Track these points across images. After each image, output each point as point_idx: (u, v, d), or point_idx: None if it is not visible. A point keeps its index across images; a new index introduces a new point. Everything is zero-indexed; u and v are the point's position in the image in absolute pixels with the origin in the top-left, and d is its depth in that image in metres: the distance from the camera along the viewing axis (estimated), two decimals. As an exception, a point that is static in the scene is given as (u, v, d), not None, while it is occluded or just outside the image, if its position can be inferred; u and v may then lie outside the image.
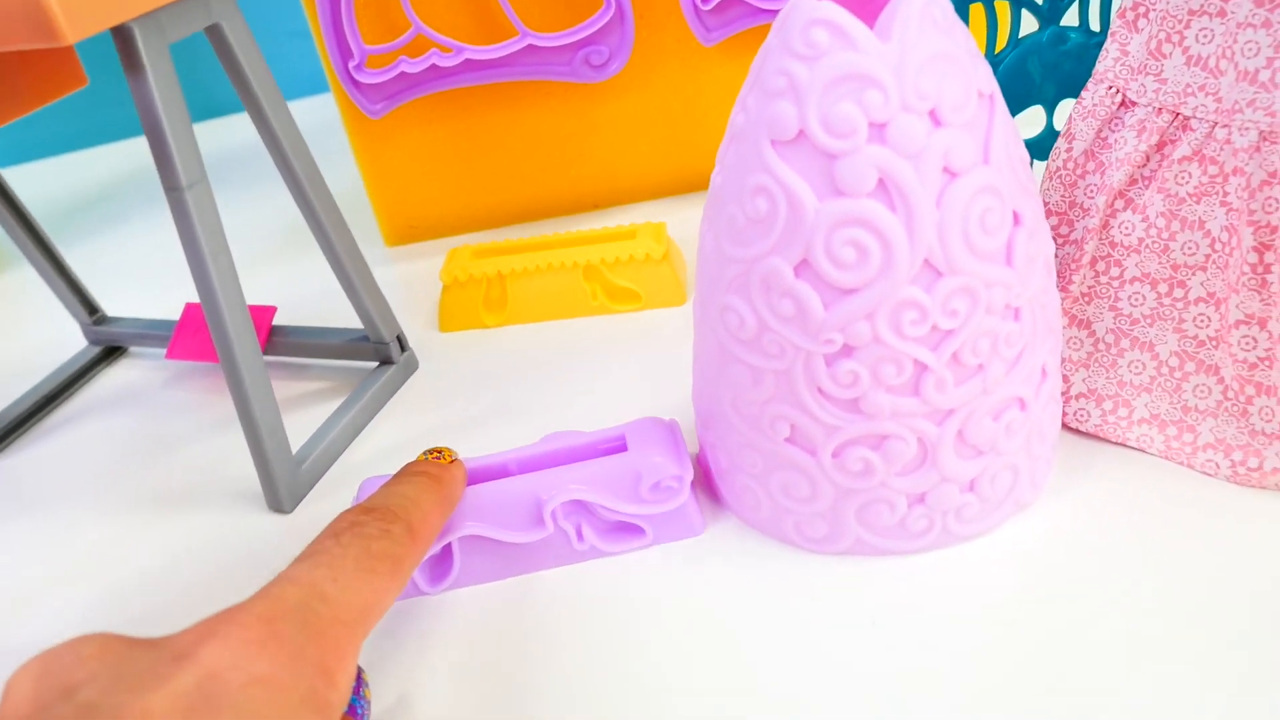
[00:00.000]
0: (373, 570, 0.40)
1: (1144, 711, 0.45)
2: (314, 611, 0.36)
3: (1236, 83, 0.52)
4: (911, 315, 0.48)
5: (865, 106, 0.46)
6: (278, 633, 0.34)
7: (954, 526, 0.55)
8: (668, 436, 0.58)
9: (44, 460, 0.79)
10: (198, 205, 0.57)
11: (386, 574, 0.41)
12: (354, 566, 0.40)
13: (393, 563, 0.42)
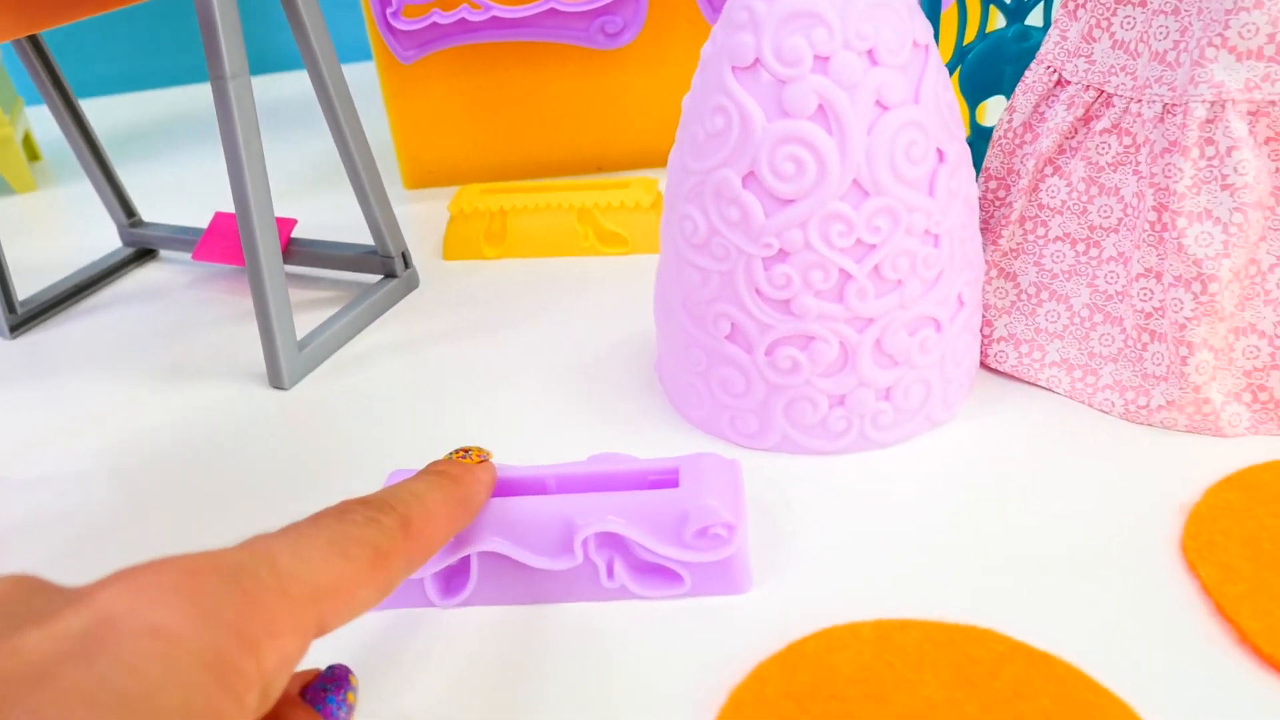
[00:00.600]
0: (345, 555, 0.35)
1: (1026, 607, 0.51)
2: (254, 576, 0.31)
3: (1149, 63, 0.60)
4: (839, 227, 0.55)
5: (812, 41, 0.53)
6: (198, 586, 0.30)
7: (870, 432, 0.62)
8: (727, 478, 0.54)
9: (70, 337, 0.87)
10: (238, 94, 0.65)
11: (362, 562, 0.35)
12: (323, 546, 0.35)
13: (373, 552, 0.36)
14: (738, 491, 0.53)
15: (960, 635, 0.49)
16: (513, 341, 0.79)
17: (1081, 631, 0.49)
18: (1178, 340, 0.60)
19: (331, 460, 0.67)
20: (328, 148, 1.17)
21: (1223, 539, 0.53)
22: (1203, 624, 0.49)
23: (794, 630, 0.50)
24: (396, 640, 0.52)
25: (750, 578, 0.53)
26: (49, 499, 0.66)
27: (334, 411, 0.72)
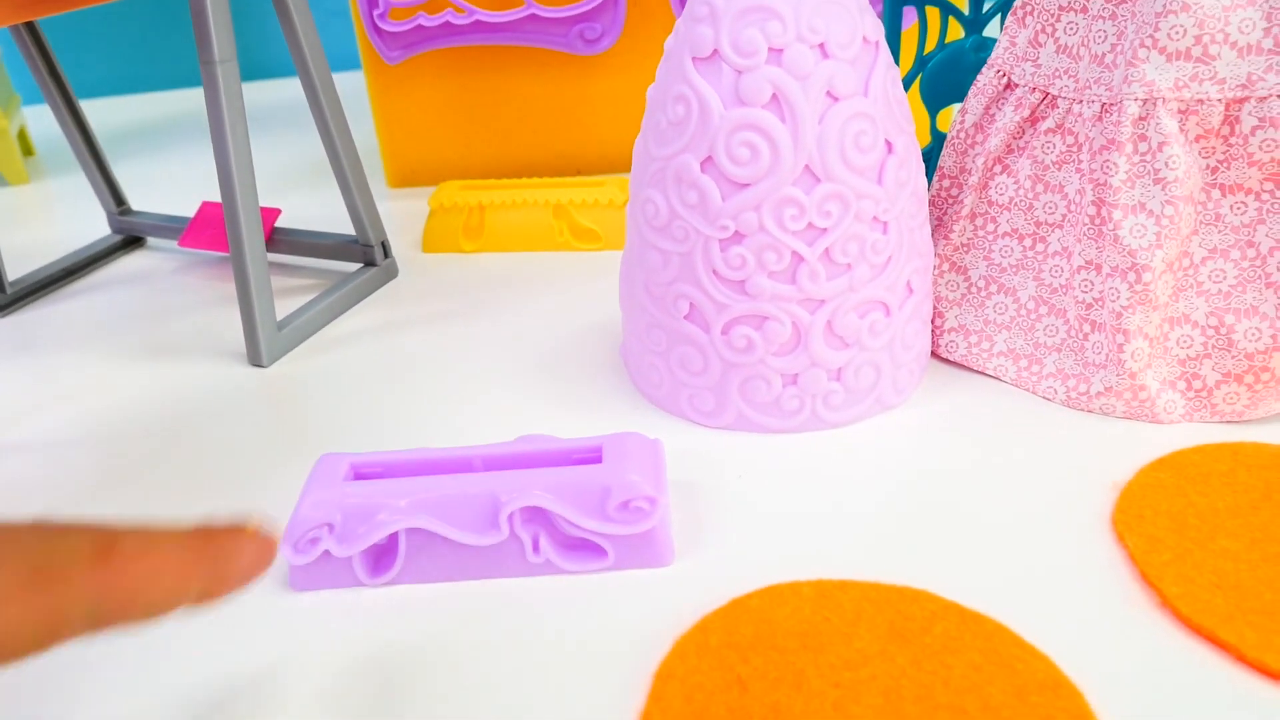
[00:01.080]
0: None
1: (960, 572, 0.54)
2: None
3: (1090, 65, 0.63)
4: (792, 211, 0.58)
5: (767, 34, 0.56)
6: None
7: (822, 412, 0.64)
8: (648, 455, 0.56)
9: (56, 317, 0.90)
10: (226, 79, 0.68)
11: (10, 577, 0.28)
12: None
13: (32, 571, 0.29)
14: (659, 467, 0.55)
15: (895, 595, 0.51)
16: (485, 329, 0.81)
17: (1012, 594, 0.51)
18: (1115, 329, 0.62)
19: (306, 434, 0.69)
20: (313, 149, 1.20)
21: (1151, 513, 0.56)
22: (1127, 589, 0.51)
23: (726, 595, 0.52)
24: (324, 619, 0.53)
25: (673, 551, 0.55)
26: (37, 464, 0.68)
27: (309, 389, 0.75)
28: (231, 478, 0.65)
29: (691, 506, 0.59)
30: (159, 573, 0.33)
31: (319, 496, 0.54)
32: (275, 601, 0.54)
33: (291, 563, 0.53)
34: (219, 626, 0.53)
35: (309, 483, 0.55)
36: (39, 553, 0.29)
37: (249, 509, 0.62)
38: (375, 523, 0.53)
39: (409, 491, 0.54)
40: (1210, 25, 0.57)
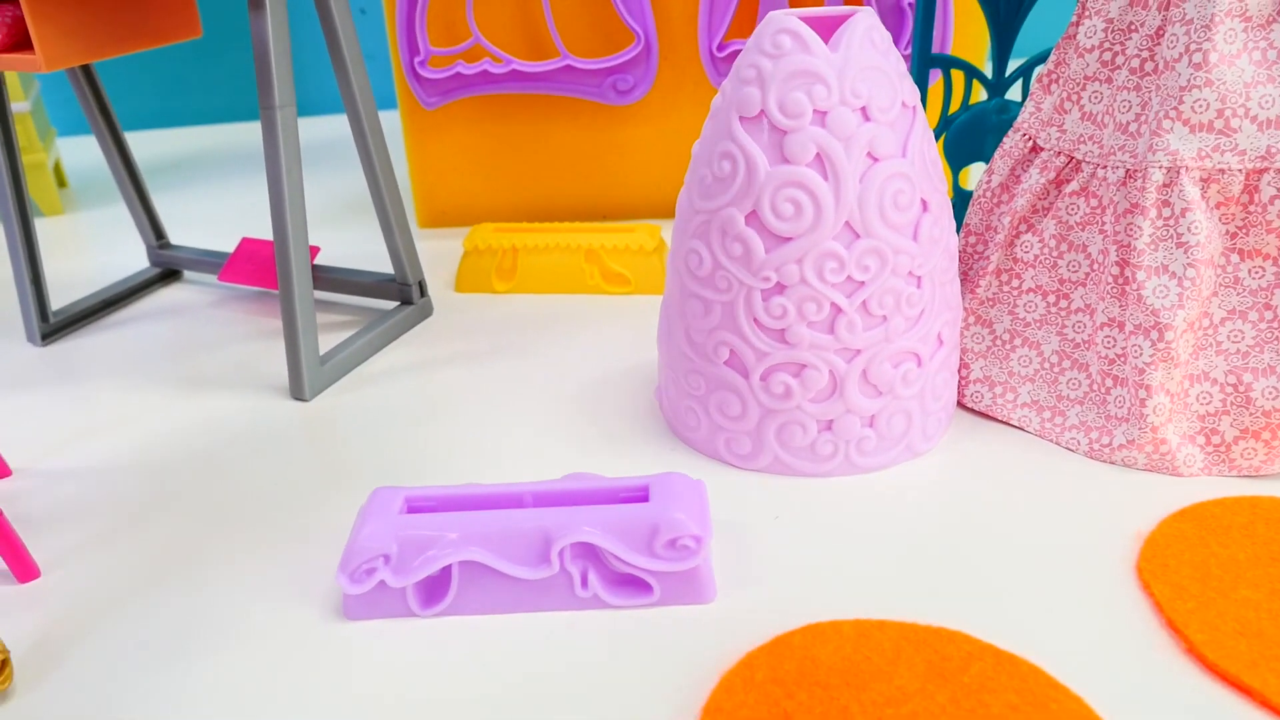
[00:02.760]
0: None
1: (993, 614, 0.56)
2: None
3: (1114, 132, 0.66)
4: (832, 264, 0.61)
5: (812, 97, 0.60)
6: None
7: (855, 457, 0.66)
8: (693, 495, 0.58)
9: (97, 347, 0.92)
10: (284, 124, 0.71)
11: None
12: None
13: None
14: (703, 507, 0.57)
15: (933, 635, 0.53)
16: (520, 368, 0.84)
17: (1044, 637, 0.53)
18: (1137, 384, 0.65)
19: (349, 468, 0.71)
20: (346, 187, 1.24)
21: (1175, 562, 0.58)
22: (1154, 635, 0.53)
23: (768, 633, 0.54)
24: (378, 648, 0.55)
25: (715, 588, 0.57)
26: (78, 492, 0.70)
27: (351, 423, 0.77)
28: (277, 508, 0.67)
29: (730, 546, 0.61)
30: None
31: (375, 528, 0.55)
32: (330, 630, 0.56)
33: (347, 592, 0.55)
34: (275, 653, 0.54)
35: (364, 514, 0.57)
36: None
37: (298, 538, 0.64)
38: (430, 555, 0.55)
39: (463, 525, 0.56)
40: (1232, 100, 0.60)
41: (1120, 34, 0.66)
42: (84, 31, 0.78)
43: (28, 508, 0.68)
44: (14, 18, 0.78)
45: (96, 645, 0.56)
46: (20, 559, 0.61)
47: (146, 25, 0.83)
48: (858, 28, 0.60)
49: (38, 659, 0.55)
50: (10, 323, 0.96)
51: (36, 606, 0.59)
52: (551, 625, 0.56)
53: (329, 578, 0.60)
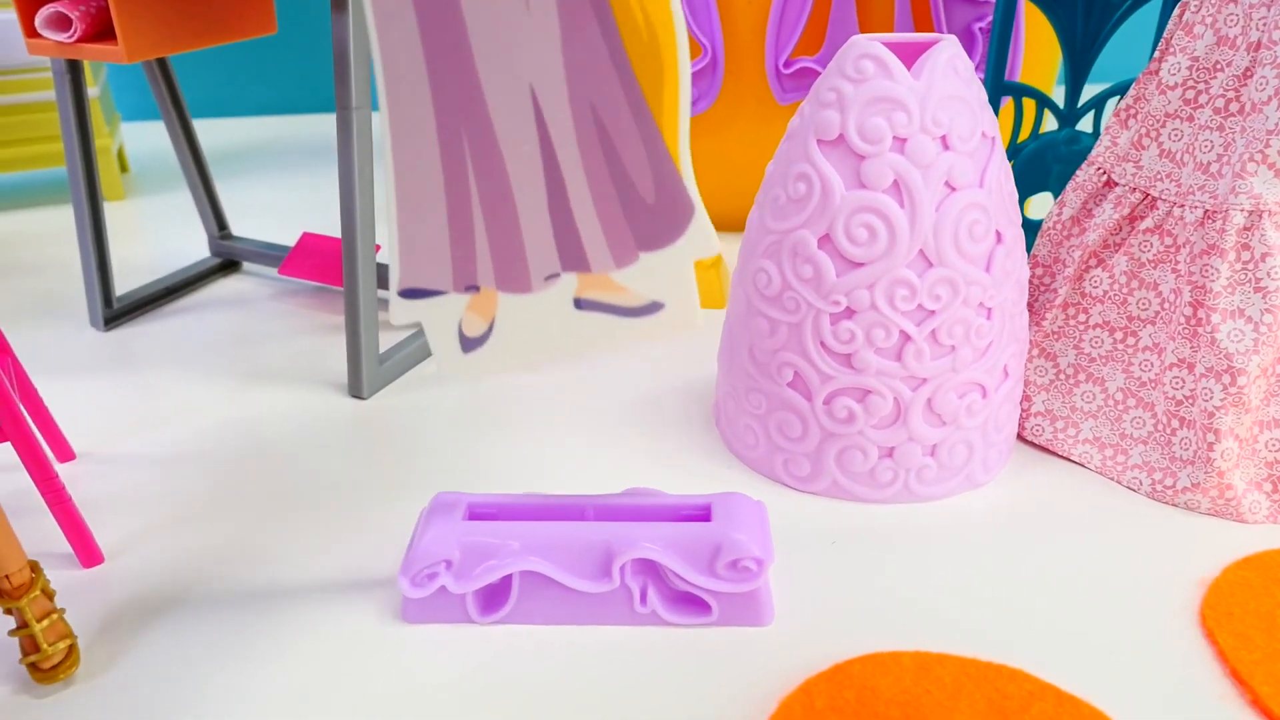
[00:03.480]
0: None
1: (1053, 654, 0.55)
2: None
3: (1193, 172, 0.66)
4: (903, 292, 0.61)
5: (893, 123, 0.59)
6: None
7: (914, 485, 0.66)
8: (755, 517, 0.58)
9: (158, 335, 0.93)
10: (359, 125, 0.72)
11: None
12: None
13: None
14: (765, 530, 0.57)
15: (993, 672, 0.53)
16: (573, 378, 0.84)
17: (1105, 680, 0.52)
18: (1205, 427, 0.64)
19: (406, 468, 0.72)
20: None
21: (1240, 611, 0.57)
22: (1217, 684, 0.52)
23: (825, 659, 0.53)
24: (435, 652, 0.55)
25: (773, 611, 0.57)
26: (139, 480, 0.71)
27: (406, 424, 0.77)
28: (335, 505, 0.67)
29: (786, 568, 0.61)
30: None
31: (439, 533, 0.56)
32: (388, 631, 0.56)
33: (408, 595, 0.56)
34: (334, 651, 0.55)
35: (427, 518, 0.57)
36: None
37: (356, 537, 0.64)
38: (492, 564, 0.55)
39: (526, 535, 0.56)
40: (1321, 145, 0.59)
41: (1205, 73, 0.65)
42: (165, 25, 0.79)
43: (90, 492, 0.69)
44: (97, 8, 0.79)
45: (159, 633, 0.56)
46: (86, 544, 0.62)
47: (224, 20, 0.84)
48: (941, 55, 0.60)
49: (103, 645, 0.56)
50: (75, 307, 0.98)
51: (101, 592, 0.60)
52: (608, 639, 0.56)
53: (386, 578, 0.60)
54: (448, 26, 0.43)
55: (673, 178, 0.47)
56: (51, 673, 0.53)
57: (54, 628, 0.53)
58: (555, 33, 0.43)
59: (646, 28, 0.44)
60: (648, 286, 0.49)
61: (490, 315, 0.49)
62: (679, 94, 0.45)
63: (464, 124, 0.45)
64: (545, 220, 0.47)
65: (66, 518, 0.61)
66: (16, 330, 0.92)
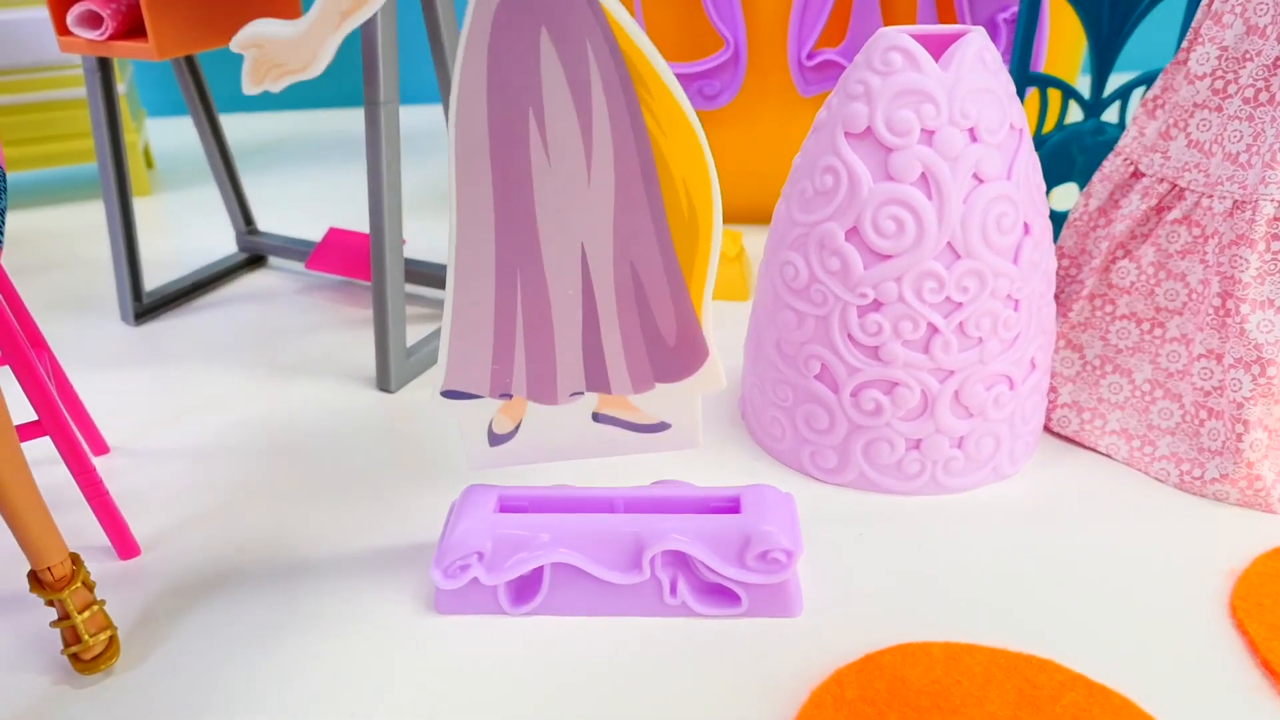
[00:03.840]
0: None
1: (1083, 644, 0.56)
2: None
3: (1222, 162, 0.65)
4: (931, 284, 0.61)
5: (921, 116, 0.59)
6: None
7: (942, 477, 0.66)
8: (784, 509, 0.58)
9: (187, 329, 0.94)
10: (387, 119, 0.72)
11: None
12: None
13: None
14: (794, 521, 0.57)
15: (1023, 663, 0.53)
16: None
17: (1135, 670, 0.52)
18: (1234, 418, 0.64)
19: (436, 461, 0.72)
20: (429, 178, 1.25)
21: (1270, 601, 0.57)
22: (1247, 674, 0.53)
23: (855, 649, 0.54)
24: (467, 643, 0.56)
25: (802, 603, 0.57)
26: (172, 473, 0.72)
27: (433, 417, 0.78)
28: (365, 497, 0.68)
29: (814, 559, 0.61)
30: None
31: (471, 525, 0.56)
32: (419, 622, 0.57)
33: (440, 587, 0.56)
34: (368, 641, 0.56)
35: (459, 510, 0.58)
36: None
37: (387, 529, 0.65)
38: (523, 556, 0.56)
39: (556, 527, 0.56)
40: (1352, 135, 0.59)
41: (1234, 62, 0.65)
42: (195, 22, 0.80)
43: (125, 485, 0.70)
44: (128, 6, 0.80)
45: (196, 624, 0.57)
46: (123, 536, 0.63)
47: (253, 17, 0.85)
48: (969, 48, 0.60)
49: (141, 636, 0.57)
50: (106, 301, 0.99)
51: (138, 584, 0.61)
52: (639, 630, 0.56)
53: (418, 569, 0.61)
54: (518, 189, 0.50)
55: (693, 328, 0.54)
56: (93, 663, 0.54)
57: (95, 619, 0.54)
58: (610, 205, 0.50)
59: (689, 208, 0.51)
60: (658, 409, 0.57)
61: (518, 418, 0.57)
62: (708, 263, 0.52)
63: (519, 266, 0.52)
64: (577, 349, 0.54)
65: (104, 510, 0.62)
66: (49, 325, 0.94)
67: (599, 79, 0.48)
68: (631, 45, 0.47)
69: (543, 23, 0.47)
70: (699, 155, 0.49)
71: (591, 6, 0.47)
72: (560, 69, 0.47)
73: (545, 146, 0.49)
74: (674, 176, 0.50)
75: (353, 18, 0.47)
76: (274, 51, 0.48)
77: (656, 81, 0.48)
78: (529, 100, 0.48)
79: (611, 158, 0.49)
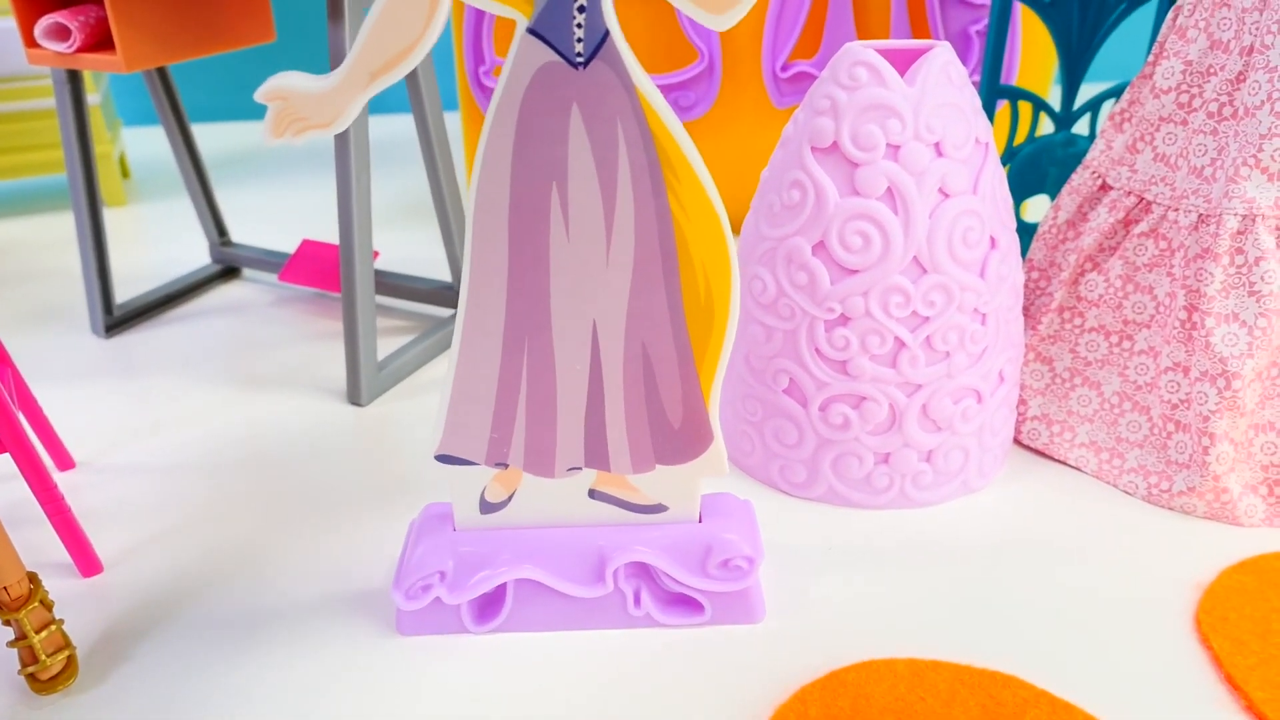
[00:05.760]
0: None
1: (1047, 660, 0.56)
2: None
3: (1188, 176, 0.66)
4: (898, 299, 0.61)
5: (886, 130, 0.60)
6: None
7: (910, 491, 0.66)
8: (743, 516, 0.59)
9: (158, 342, 0.93)
10: (356, 131, 0.72)
11: None
12: None
13: None
14: (754, 527, 0.57)
15: (987, 679, 0.53)
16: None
17: (1099, 686, 0.52)
18: (1201, 431, 0.64)
19: (405, 476, 0.72)
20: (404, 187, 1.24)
21: (1235, 616, 0.57)
22: (1211, 690, 0.53)
23: (820, 664, 0.54)
24: (430, 663, 0.55)
25: (764, 608, 0.57)
26: (139, 488, 0.71)
27: (404, 431, 0.77)
28: (333, 513, 0.68)
29: (782, 573, 0.61)
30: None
31: (431, 544, 0.56)
32: (382, 644, 0.56)
33: (402, 608, 0.56)
34: (330, 664, 0.55)
35: (418, 530, 0.57)
36: None
37: (354, 545, 0.65)
38: (486, 573, 0.56)
39: (518, 543, 0.56)
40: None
41: (1199, 77, 0.65)
42: (164, 34, 0.80)
43: (91, 501, 0.70)
44: (96, 19, 0.80)
45: (157, 644, 0.57)
46: (85, 553, 0.62)
47: (223, 29, 0.85)
48: (935, 62, 0.60)
49: (102, 655, 0.56)
50: (76, 314, 0.98)
51: (100, 602, 0.60)
52: (604, 644, 0.56)
53: (383, 587, 0.60)
54: (534, 261, 0.50)
55: (700, 412, 0.53)
56: (50, 684, 0.53)
57: (52, 639, 0.54)
58: (626, 285, 0.50)
59: (706, 294, 0.50)
60: (657, 490, 0.56)
61: (512, 488, 0.56)
62: (721, 349, 0.51)
63: (528, 337, 0.52)
64: (580, 425, 0.54)
65: (66, 528, 0.61)
66: (18, 338, 0.93)
67: (626, 159, 0.47)
68: (663, 128, 0.47)
69: (575, 99, 0.46)
70: (721, 242, 0.49)
71: (626, 88, 0.46)
72: (588, 146, 0.47)
73: (566, 222, 0.49)
74: (694, 262, 0.49)
75: (382, 79, 0.46)
76: (298, 105, 0.47)
77: (685, 166, 0.48)
78: (554, 174, 0.48)
79: (632, 239, 0.49)
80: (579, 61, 0.46)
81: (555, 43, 0.46)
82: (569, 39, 0.45)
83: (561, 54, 0.46)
